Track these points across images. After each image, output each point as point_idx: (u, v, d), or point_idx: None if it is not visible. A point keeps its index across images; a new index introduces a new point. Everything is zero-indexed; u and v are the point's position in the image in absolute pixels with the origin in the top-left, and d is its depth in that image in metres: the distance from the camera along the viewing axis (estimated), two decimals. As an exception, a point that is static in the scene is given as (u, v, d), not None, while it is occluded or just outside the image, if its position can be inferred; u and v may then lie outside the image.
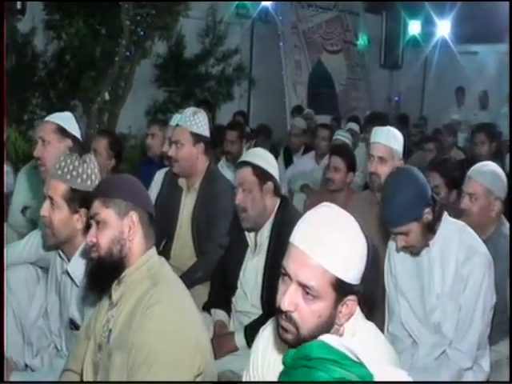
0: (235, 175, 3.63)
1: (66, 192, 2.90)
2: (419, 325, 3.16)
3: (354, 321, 1.99)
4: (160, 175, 4.55)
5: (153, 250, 2.52)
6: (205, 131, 4.22)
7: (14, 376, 3.08)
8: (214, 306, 3.69)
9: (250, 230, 3.57)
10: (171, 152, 4.25)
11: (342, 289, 1.89)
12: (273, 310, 2.02)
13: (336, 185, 5.05)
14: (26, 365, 3.27)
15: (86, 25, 8.33)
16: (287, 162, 7.79)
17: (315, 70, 12.60)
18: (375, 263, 2.04)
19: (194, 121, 4.18)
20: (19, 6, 7.70)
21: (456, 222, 3.16)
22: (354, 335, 1.97)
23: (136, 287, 2.43)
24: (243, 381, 2.21)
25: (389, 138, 4.12)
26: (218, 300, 3.70)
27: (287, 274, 1.90)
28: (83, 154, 3.01)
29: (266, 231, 3.51)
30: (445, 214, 3.11)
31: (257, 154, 3.59)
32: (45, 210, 2.93)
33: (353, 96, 13.24)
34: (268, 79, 11.62)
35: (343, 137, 6.68)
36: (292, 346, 1.88)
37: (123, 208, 2.44)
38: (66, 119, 3.81)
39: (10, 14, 7.69)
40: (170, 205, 4.28)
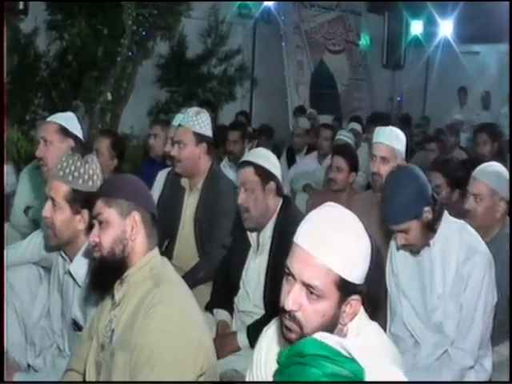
0: (237, 175, 3.62)
1: (67, 193, 2.89)
2: (421, 325, 3.16)
3: (357, 321, 1.99)
4: (162, 175, 4.54)
5: (155, 251, 2.52)
6: (207, 131, 4.22)
7: (16, 377, 3.08)
8: (217, 305, 3.69)
9: (253, 230, 3.56)
10: (174, 152, 4.25)
11: (345, 288, 1.89)
12: (275, 310, 2.02)
13: (338, 185, 5.05)
14: (29, 365, 3.26)
15: (88, 25, 8.32)
16: (290, 161, 7.78)
17: (317, 70, 12.59)
18: (379, 263, 2.04)
19: (197, 121, 4.18)
20: (21, 6, 7.69)
21: (457, 221, 3.15)
22: (357, 335, 1.97)
23: (138, 287, 2.43)
24: (246, 380, 2.21)
25: (391, 138, 4.12)
26: (221, 300, 3.70)
27: (291, 274, 1.90)
28: (85, 154, 3.00)
29: (268, 231, 3.50)
30: (445, 213, 3.11)
31: (259, 154, 3.59)
32: (46, 211, 2.93)
33: (355, 96, 13.22)
34: (270, 79, 11.61)
35: (345, 137, 6.67)
36: (296, 345, 1.89)
37: (125, 208, 2.44)
38: (68, 119, 3.80)
39: (13, 14, 7.69)
40: (173, 205, 4.28)
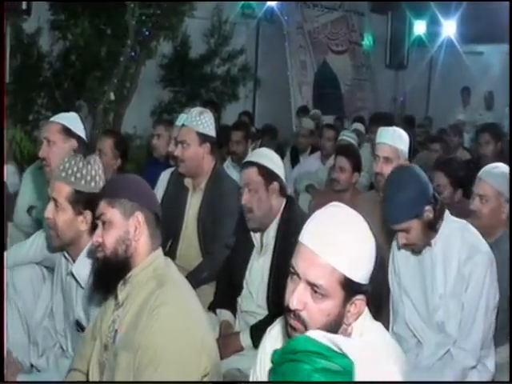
0: (241, 175, 3.62)
1: (70, 194, 2.89)
2: (423, 325, 3.16)
3: (362, 321, 1.98)
4: (166, 175, 4.54)
5: (159, 251, 2.51)
6: (211, 131, 4.21)
7: (20, 378, 3.08)
8: (220, 306, 3.68)
9: (256, 230, 3.56)
10: (177, 152, 4.24)
11: (350, 288, 1.89)
12: (278, 311, 2.02)
13: (341, 185, 5.05)
14: (32, 365, 3.26)
15: (91, 25, 8.33)
16: (294, 162, 7.78)
17: (320, 70, 12.60)
18: (383, 263, 2.04)
19: (200, 121, 4.18)
20: (25, 6, 7.66)
21: (458, 220, 3.14)
22: (361, 335, 1.97)
23: (142, 288, 2.42)
24: (250, 380, 2.21)
25: (394, 139, 4.12)
26: (224, 300, 3.70)
27: (296, 273, 1.90)
28: (88, 154, 3.01)
29: (271, 231, 3.50)
30: (447, 212, 3.10)
31: (262, 154, 3.58)
32: (49, 211, 2.93)
33: (358, 96, 13.23)
34: (273, 79, 11.61)
35: (349, 137, 6.68)
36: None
37: (129, 208, 2.44)
38: (71, 119, 3.81)
39: (16, 14, 7.70)
40: (176, 205, 4.28)
